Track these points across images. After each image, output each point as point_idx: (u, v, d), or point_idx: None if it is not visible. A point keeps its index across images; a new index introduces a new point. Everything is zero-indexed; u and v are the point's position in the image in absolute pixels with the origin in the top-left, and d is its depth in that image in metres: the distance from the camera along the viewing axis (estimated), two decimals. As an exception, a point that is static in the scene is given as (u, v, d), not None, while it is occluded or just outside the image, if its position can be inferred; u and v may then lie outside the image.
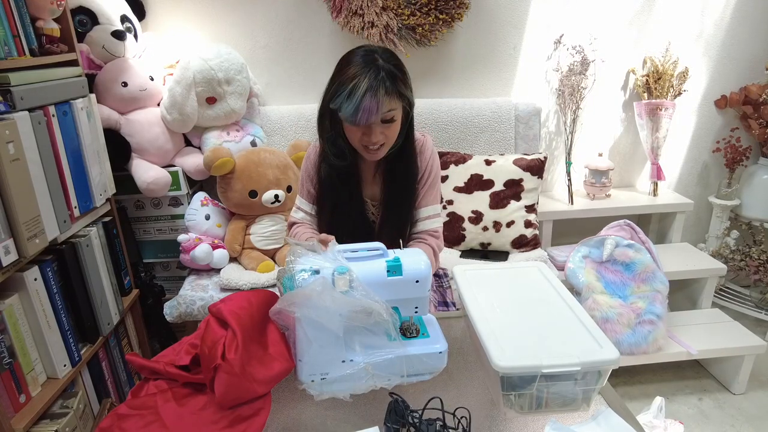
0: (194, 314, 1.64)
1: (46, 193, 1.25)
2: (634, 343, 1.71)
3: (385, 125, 1.09)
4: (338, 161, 1.17)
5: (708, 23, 2.12)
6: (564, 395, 0.77)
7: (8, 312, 1.16)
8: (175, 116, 1.77)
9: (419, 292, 0.83)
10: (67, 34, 1.44)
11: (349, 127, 1.11)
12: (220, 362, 0.81)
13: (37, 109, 1.24)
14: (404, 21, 1.91)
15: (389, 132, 1.11)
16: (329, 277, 0.78)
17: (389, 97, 1.05)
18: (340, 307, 0.77)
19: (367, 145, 1.11)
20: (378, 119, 1.06)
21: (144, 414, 0.83)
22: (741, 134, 2.24)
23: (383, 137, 1.10)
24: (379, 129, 1.08)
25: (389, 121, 1.09)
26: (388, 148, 1.14)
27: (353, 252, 0.85)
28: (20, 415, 1.17)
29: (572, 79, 2.02)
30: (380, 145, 1.11)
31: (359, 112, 1.03)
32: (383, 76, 1.04)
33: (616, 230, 1.88)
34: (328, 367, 0.82)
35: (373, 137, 1.09)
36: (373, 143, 1.10)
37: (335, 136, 1.16)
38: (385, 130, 1.09)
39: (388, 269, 0.81)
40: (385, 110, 1.06)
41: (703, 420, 1.77)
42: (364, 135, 1.10)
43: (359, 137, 1.11)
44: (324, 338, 0.79)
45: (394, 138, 1.13)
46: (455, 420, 0.73)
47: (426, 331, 0.90)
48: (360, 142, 1.12)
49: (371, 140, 1.09)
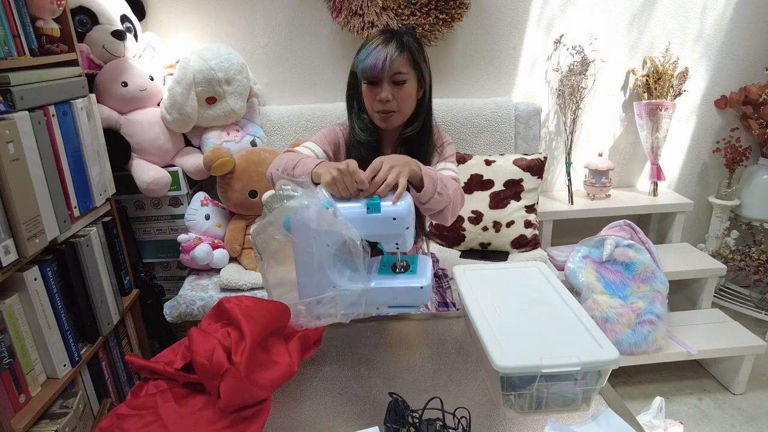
0: (194, 314, 1.64)
1: (46, 193, 1.25)
2: (634, 343, 1.71)
3: (396, 87, 1.16)
4: (363, 135, 1.23)
5: (708, 23, 2.12)
6: (564, 395, 0.77)
7: (8, 312, 1.16)
8: (175, 116, 1.77)
9: (397, 230, 0.90)
10: (67, 34, 1.44)
11: (365, 91, 1.19)
12: (229, 367, 0.81)
13: (37, 109, 1.24)
14: (404, 21, 1.91)
15: (399, 95, 1.17)
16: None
17: (400, 56, 1.14)
18: (326, 238, 0.86)
19: (379, 110, 1.18)
20: (388, 75, 1.14)
21: (144, 414, 0.83)
22: (741, 134, 2.24)
23: (393, 100, 1.16)
24: (389, 88, 1.15)
25: (399, 84, 1.16)
26: (400, 117, 1.21)
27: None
28: (20, 415, 1.17)
29: (572, 79, 2.02)
30: (391, 111, 1.18)
31: (368, 59, 1.13)
32: (399, 40, 1.15)
33: (616, 230, 1.88)
34: (320, 292, 0.90)
35: (383, 92, 1.15)
36: (383, 102, 1.16)
37: (360, 110, 1.25)
38: (395, 91, 1.16)
39: (367, 207, 0.89)
40: (395, 68, 1.13)
41: (703, 420, 1.77)
42: (376, 95, 1.17)
43: (372, 100, 1.18)
44: (315, 263, 0.88)
45: (405, 106, 1.19)
46: (455, 420, 0.73)
47: (415, 269, 0.95)
48: (373, 107, 1.19)
49: (381, 98, 1.15)
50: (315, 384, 0.90)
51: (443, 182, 1.10)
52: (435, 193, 1.06)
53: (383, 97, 1.15)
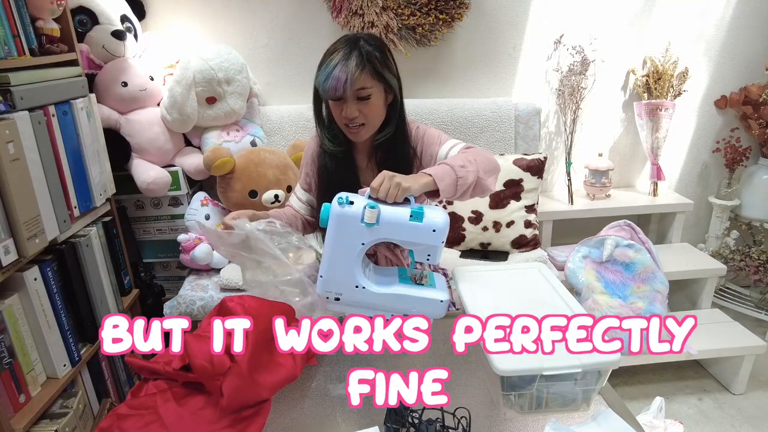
0: (194, 314, 1.64)
1: (46, 193, 1.25)
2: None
3: (361, 102, 1.11)
4: (332, 146, 1.21)
5: (708, 23, 2.12)
6: (564, 395, 0.77)
7: (8, 312, 1.16)
8: (175, 116, 1.77)
9: (434, 241, 0.92)
10: (67, 34, 1.44)
11: (331, 106, 1.15)
12: (231, 365, 0.81)
13: (37, 109, 1.24)
14: (404, 21, 1.91)
15: (366, 110, 1.12)
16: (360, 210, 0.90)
17: (362, 73, 1.08)
18: (363, 236, 0.91)
19: (347, 124, 1.14)
20: (351, 93, 1.09)
21: (144, 414, 0.83)
22: (741, 134, 2.24)
23: (360, 115, 1.12)
24: (354, 105, 1.11)
25: (364, 99, 1.11)
26: (370, 129, 1.16)
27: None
28: (20, 415, 1.17)
29: (572, 79, 2.02)
30: (359, 124, 1.14)
31: (329, 80, 1.07)
32: (359, 53, 1.08)
33: (615, 230, 1.88)
34: (342, 289, 0.94)
35: (347, 111, 1.11)
36: (349, 119, 1.12)
37: (329, 121, 1.21)
38: (361, 107, 1.11)
39: (411, 215, 0.91)
40: (358, 85, 1.08)
41: (703, 420, 1.77)
42: (341, 111, 1.12)
43: (339, 114, 1.14)
44: (344, 259, 0.93)
45: (373, 118, 1.15)
46: (455, 420, 0.73)
47: (434, 284, 0.99)
48: (340, 120, 1.15)
49: (347, 115, 1.11)
50: (315, 384, 0.90)
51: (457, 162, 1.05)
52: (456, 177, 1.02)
53: (348, 114, 1.12)
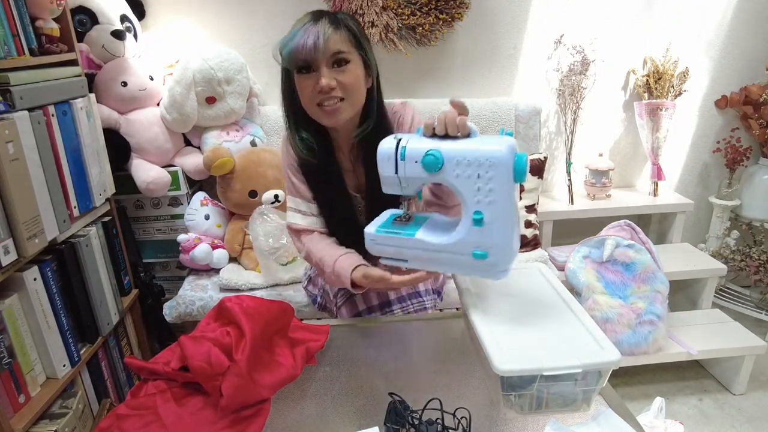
0: (194, 314, 1.63)
1: (45, 193, 1.25)
2: (635, 343, 1.71)
3: (338, 70, 0.95)
4: (307, 154, 1.05)
5: (708, 23, 2.12)
6: (564, 396, 0.77)
7: (7, 312, 1.16)
8: (174, 116, 1.77)
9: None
10: (66, 34, 1.44)
11: (300, 84, 0.97)
12: (230, 365, 0.81)
13: (36, 109, 1.24)
14: (404, 21, 1.91)
15: (344, 78, 0.95)
16: None
17: (337, 33, 0.93)
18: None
19: (321, 103, 0.96)
20: (324, 56, 0.92)
21: (143, 414, 0.83)
22: (741, 134, 2.24)
23: (338, 86, 0.95)
24: (330, 72, 0.94)
25: (341, 63, 0.95)
26: (350, 107, 0.99)
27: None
28: (19, 415, 1.17)
29: (572, 79, 2.02)
30: (338, 99, 0.96)
31: (296, 44, 0.91)
32: (331, 17, 0.96)
33: (616, 230, 1.88)
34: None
35: (322, 78, 0.93)
36: (325, 92, 0.94)
37: (298, 126, 1.05)
38: (337, 75, 0.95)
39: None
40: (333, 48, 0.93)
41: (704, 420, 1.76)
42: (314, 85, 0.95)
43: (310, 91, 0.95)
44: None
45: (354, 91, 0.98)
46: (455, 420, 0.73)
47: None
48: (312, 99, 0.97)
49: (321, 86, 0.93)
50: (315, 384, 0.90)
51: None
52: None
53: (324, 84, 0.93)
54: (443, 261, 0.86)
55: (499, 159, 0.77)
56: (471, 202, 0.80)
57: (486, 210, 0.79)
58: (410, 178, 0.84)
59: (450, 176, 0.80)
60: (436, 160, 0.79)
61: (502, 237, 0.81)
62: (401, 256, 0.89)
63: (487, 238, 0.81)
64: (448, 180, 0.81)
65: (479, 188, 0.79)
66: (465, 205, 0.81)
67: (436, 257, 0.86)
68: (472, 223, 0.80)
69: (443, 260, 0.86)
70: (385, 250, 0.90)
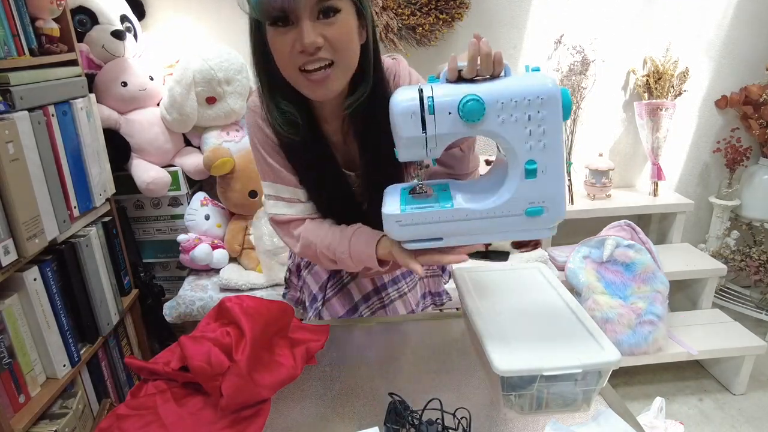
0: (194, 315, 1.63)
1: (45, 193, 1.25)
2: (635, 343, 1.71)
3: (325, 23, 0.73)
4: (289, 131, 0.84)
5: (708, 23, 2.12)
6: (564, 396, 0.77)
7: (8, 312, 1.16)
8: (174, 116, 1.77)
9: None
10: (66, 34, 1.44)
11: (274, 42, 0.75)
12: (230, 365, 0.81)
13: (36, 109, 1.24)
14: (404, 21, 1.91)
15: (332, 33, 0.73)
16: None
17: None
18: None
19: (305, 67, 0.74)
20: (307, 4, 0.70)
21: (143, 414, 0.83)
22: (741, 134, 2.24)
23: (325, 44, 0.74)
24: (315, 27, 0.72)
25: (329, 13, 0.73)
26: (341, 73, 0.78)
27: None
28: (19, 415, 1.17)
29: (573, 79, 2.02)
30: (326, 64, 0.75)
31: None
32: None
33: (616, 230, 1.88)
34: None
35: (306, 36, 0.71)
36: (309, 52, 0.72)
37: (275, 94, 0.83)
38: (324, 28, 0.73)
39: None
40: None
41: (704, 420, 1.76)
42: (292, 43, 0.73)
43: (289, 52, 0.74)
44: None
45: (345, 51, 0.77)
46: (455, 421, 0.73)
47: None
48: (292, 62, 0.75)
49: (304, 45, 0.71)
50: (315, 384, 0.90)
51: None
52: None
53: (308, 42, 0.71)
54: (489, 228, 0.74)
55: (549, 94, 0.67)
56: (522, 151, 0.68)
57: (539, 157, 0.69)
58: (442, 136, 0.70)
59: (494, 124, 0.68)
60: (479, 106, 0.66)
61: (559, 185, 0.71)
62: (435, 235, 0.76)
63: (542, 190, 0.71)
64: (492, 129, 0.68)
65: (531, 132, 0.68)
66: (513, 155, 0.69)
67: (480, 226, 0.74)
68: (523, 175, 0.69)
69: (489, 227, 0.74)
70: (415, 231, 0.75)
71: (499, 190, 0.72)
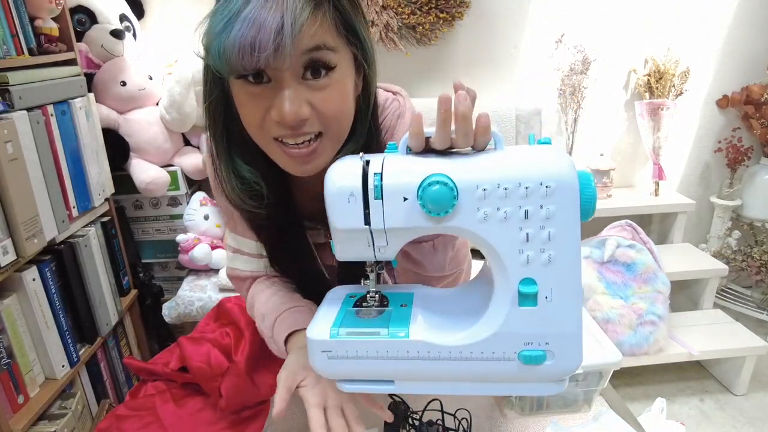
0: (193, 315, 1.63)
1: (44, 193, 1.25)
2: (636, 344, 1.71)
3: (313, 85, 0.55)
4: (251, 204, 0.66)
5: (710, 23, 2.12)
6: (565, 396, 0.77)
7: (6, 312, 1.16)
8: (174, 116, 1.76)
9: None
10: (65, 34, 1.44)
11: (242, 97, 0.57)
12: (229, 365, 0.81)
13: (35, 109, 1.24)
14: (404, 20, 1.90)
15: (322, 100, 0.55)
16: None
17: (317, 14, 0.52)
18: None
19: (283, 139, 0.57)
20: (293, 62, 0.51)
21: (142, 415, 0.83)
22: (743, 134, 2.23)
23: (313, 114, 0.55)
24: (300, 90, 0.54)
25: (319, 72, 0.54)
26: (331, 145, 0.60)
27: None
28: (18, 415, 1.17)
29: (573, 78, 2.02)
30: (312, 136, 0.57)
31: (241, 28, 0.50)
32: None
33: (617, 230, 1.87)
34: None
35: (287, 105, 0.53)
36: (291, 126, 0.54)
37: (234, 158, 0.65)
38: (312, 95, 0.55)
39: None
40: (307, 41, 0.52)
41: (705, 421, 1.76)
42: (271, 109, 0.55)
43: (261, 118, 0.56)
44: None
45: (337, 120, 0.58)
46: (456, 422, 0.73)
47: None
48: (265, 131, 0.57)
49: (285, 117, 0.53)
50: (314, 385, 0.89)
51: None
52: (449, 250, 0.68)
53: (289, 115, 0.53)
54: (463, 374, 0.51)
55: (561, 181, 0.45)
56: (513, 265, 0.47)
57: (542, 275, 0.47)
58: (395, 231, 0.49)
59: (471, 220, 0.47)
60: (447, 193, 0.45)
61: (571, 318, 0.48)
62: (381, 375, 0.53)
63: (545, 325, 0.48)
64: (468, 228, 0.47)
65: (528, 237, 0.47)
66: (501, 269, 0.48)
67: (450, 370, 0.50)
68: (516, 300, 0.48)
69: (463, 373, 0.51)
70: (352, 368, 0.52)
71: (480, 319, 0.50)
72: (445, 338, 0.50)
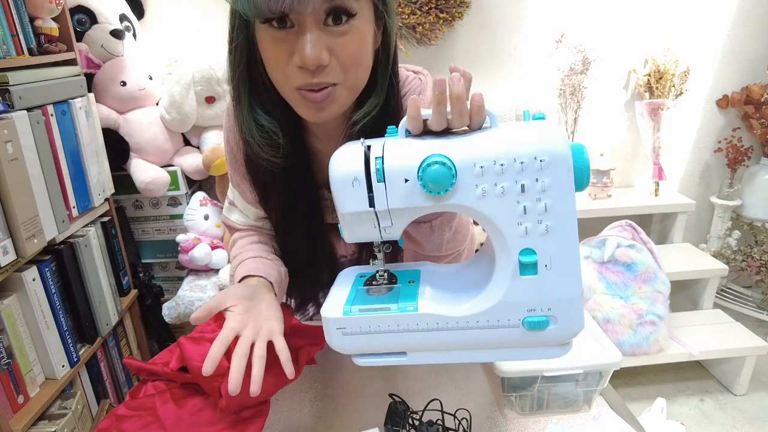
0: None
1: (44, 193, 1.25)
2: (636, 344, 1.71)
3: (334, 31, 0.58)
4: (269, 153, 0.68)
5: (710, 23, 2.12)
6: (565, 396, 0.77)
7: (6, 312, 1.16)
8: (173, 116, 1.76)
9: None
10: (65, 33, 1.44)
11: (267, 42, 0.60)
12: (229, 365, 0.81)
13: (35, 109, 1.24)
14: (404, 20, 1.90)
15: (342, 47, 0.59)
16: None
17: None
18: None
19: (303, 86, 0.60)
20: (314, 7, 0.55)
21: (142, 415, 0.82)
22: (743, 134, 2.23)
23: (332, 60, 0.59)
24: (321, 35, 0.57)
25: (341, 18, 0.57)
26: (348, 95, 0.63)
27: None
28: (18, 415, 1.17)
29: (573, 78, 2.02)
30: (329, 84, 0.60)
31: None
32: None
33: (617, 230, 1.87)
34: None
35: (308, 46, 0.56)
36: (310, 64, 0.57)
37: (254, 105, 0.67)
38: (333, 39, 0.58)
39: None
40: None
41: (705, 421, 1.76)
42: (290, 52, 0.58)
43: (285, 63, 0.59)
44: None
45: (354, 68, 0.61)
46: (456, 422, 0.73)
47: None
48: (287, 76, 0.60)
49: (305, 60, 0.56)
50: (315, 385, 0.89)
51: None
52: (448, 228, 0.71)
53: (310, 56, 0.56)
54: (471, 343, 0.54)
55: (555, 155, 0.47)
56: (513, 236, 0.49)
57: (541, 245, 0.49)
58: (399, 211, 0.51)
59: (470, 197, 0.49)
60: (446, 172, 0.47)
61: (571, 284, 0.50)
62: (395, 348, 0.55)
63: (547, 292, 0.50)
64: (468, 204, 0.49)
65: (526, 209, 0.48)
66: (501, 242, 0.50)
67: (459, 339, 0.53)
68: (516, 270, 0.50)
69: (471, 342, 0.53)
70: (366, 342, 0.55)
71: (484, 290, 0.52)
72: (451, 310, 0.53)
